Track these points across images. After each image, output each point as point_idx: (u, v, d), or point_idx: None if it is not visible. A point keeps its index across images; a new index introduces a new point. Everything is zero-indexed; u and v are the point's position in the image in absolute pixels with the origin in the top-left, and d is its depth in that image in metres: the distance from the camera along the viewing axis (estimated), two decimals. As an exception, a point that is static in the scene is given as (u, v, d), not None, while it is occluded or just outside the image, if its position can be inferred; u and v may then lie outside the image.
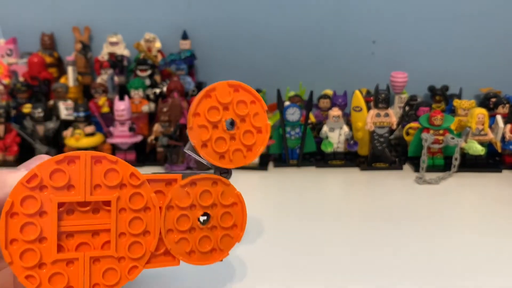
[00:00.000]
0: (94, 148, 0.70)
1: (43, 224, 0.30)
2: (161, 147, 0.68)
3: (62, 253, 0.30)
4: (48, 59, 0.81)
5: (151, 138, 0.70)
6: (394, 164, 0.68)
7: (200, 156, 0.35)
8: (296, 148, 0.68)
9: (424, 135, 0.64)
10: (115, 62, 0.79)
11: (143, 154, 0.72)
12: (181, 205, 0.34)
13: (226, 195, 0.35)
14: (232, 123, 0.35)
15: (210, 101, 0.34)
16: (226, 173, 0.36)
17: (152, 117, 0.75)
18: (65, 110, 0.74)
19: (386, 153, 0.67)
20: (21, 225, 0.29)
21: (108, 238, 0.32)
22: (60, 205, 0.30)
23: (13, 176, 0.30)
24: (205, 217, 0.35)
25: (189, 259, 0.34)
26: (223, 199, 0.35)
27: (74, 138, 0.69)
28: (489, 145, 0.67)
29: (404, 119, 0.71)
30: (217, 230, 0.35)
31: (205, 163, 0.35)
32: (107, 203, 0.32)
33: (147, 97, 0.76)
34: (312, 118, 0.72)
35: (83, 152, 0.30)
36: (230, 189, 0.35)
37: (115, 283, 0.32)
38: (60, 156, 0.30)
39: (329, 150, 0.68)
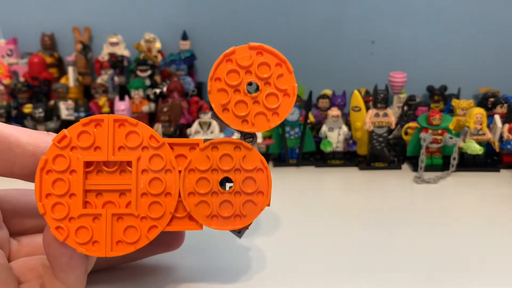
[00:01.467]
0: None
1: (72, 180, 0.32)
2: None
3: (88, 209, 0.33)
4: (49, 60, 0.81)
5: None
6: (392, 164, 0.68)
7: (224, 122, 0.34)
8: (295, 148, 0.69)
9: (423, 134, 0.64)
10: (115, 62, 0.80)
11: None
12: (201, 168, 0.34)
13: (248, 160, 0.34)
14: (257, 88, 0.34)
15: (230, 65, 0.34)
16: (251, 137, 0.35)
17: (152, 117, 0.75)
18: (65, 110, 0.75)
19: (385, 153, 0.67)
20: (53, 180, 0.32)
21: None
22: (88, 165, 0.33)
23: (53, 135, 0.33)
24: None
25: (210, 223, 0.34)
26: (245, 164, 0.34)
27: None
28: (487, 145, 0.67)
29: (402, 119, 0.71)
30: (240, 196, 0.34)
31: (231, 129, 0.35)
32: (131, 165, 0.33)
33: (147, 97, 0.76)
34: (311, 118, 0.72)
35: (107, 115, 0.33)
36: (252, 153, 0.34)
37: (135, 241, 0.33)
38: (87, 119, 0.33)
39: (328, 149, 0.68)
